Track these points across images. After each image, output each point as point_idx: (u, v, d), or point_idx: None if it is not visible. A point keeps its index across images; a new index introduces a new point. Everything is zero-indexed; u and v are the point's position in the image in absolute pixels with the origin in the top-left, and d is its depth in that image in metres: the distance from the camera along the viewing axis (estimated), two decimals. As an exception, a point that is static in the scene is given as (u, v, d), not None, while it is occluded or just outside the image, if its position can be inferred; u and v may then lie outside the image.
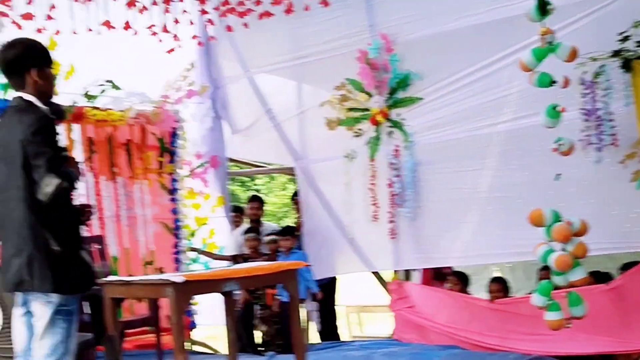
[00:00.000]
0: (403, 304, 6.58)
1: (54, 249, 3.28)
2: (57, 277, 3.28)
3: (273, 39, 7.10)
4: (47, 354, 3.30)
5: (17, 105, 3.39)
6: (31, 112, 3.34)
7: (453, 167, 6.17)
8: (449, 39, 6.07)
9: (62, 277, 3.30)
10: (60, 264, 3.30)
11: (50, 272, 3.27)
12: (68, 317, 3.35)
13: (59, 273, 3.29)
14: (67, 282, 3.31)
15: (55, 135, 3.33)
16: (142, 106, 7.05)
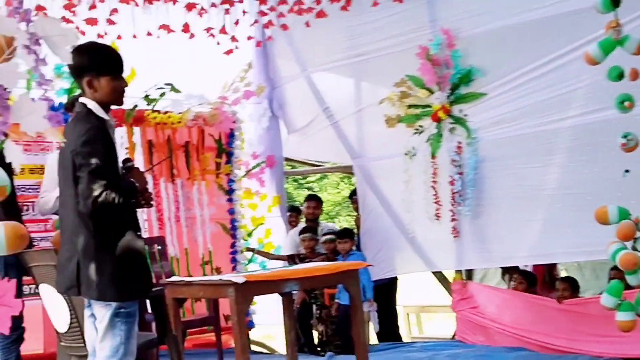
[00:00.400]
0: (466, 304, 6.46)
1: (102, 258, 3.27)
2: (104, 285, 3.27)
3: (331, 37, 7.05)
4: (108, 355, 3.32)
5: (78, 111, 3.34)
6: (86, 120, 3.29)
7: (518, 163, 6.02)
8: (513, 33, 5.93)
9: (110, 285, 3.28)
10: (109, 272, 3.28)
11: (98, 280, 3.26)
12: (127, 319, 3.35)
13: (108, 281, 3.27)
14: (115, 290, 3.30)
15: (106, 145, 3.27)
16: (200, 108, 7.08)
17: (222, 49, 6.54)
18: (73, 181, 3.27)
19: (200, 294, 5.01)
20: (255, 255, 7.70)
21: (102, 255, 3.28)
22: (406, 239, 6.75)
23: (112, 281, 3.28)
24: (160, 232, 6.80)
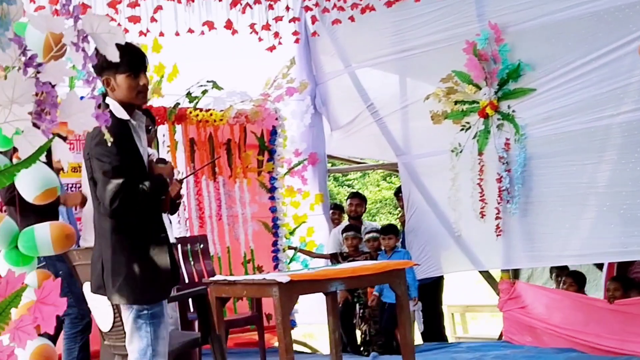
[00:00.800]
0: (514, 304, 6.34)
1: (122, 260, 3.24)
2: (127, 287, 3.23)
3: (376, 33, 6.97)
4: (137, 358, 3.29)
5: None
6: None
7: (568, 161, 5.89)
8: (564, 27, 5.82)
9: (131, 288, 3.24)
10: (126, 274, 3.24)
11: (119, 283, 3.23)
12: (152, 320, 3.29)
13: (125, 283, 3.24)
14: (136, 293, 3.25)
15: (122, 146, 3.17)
16: (242, 105, 7.05)
17: (264, 45, 6.49)
18: (93, 183, 3.26)
19: (244, 293, 4.97)
20: (298, 253, 7.66)
21: (121, 257, 3.24)
22: (452, 238, 6.64)
23: (129, 283, 3.24)
24: (202, 230, 6.78)
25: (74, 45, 2.26)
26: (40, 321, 2.22)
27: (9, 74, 2.14)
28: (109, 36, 2.25)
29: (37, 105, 2.23)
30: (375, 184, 22.37)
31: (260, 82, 7.39)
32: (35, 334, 2.23)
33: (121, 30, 2.26)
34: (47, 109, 2.26)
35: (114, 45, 2.26)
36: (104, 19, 2.25)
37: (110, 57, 2.27)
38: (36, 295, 2.24)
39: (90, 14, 2.28)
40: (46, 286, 2.27)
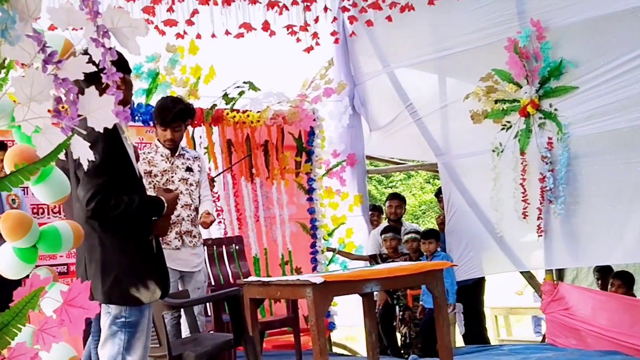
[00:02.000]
0: (557, 306, 6.19)
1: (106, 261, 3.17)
2: (107, 289, 3.16)
3: (414, 33, 6.91)
4: None
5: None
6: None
7: (612, 159, 5.77)
8: (606, 24, 5.71)
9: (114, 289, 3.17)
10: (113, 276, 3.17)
11: (101, 284, 3.16)
12: (128, 329, 3.20)
13: (111, 285, 3.17)
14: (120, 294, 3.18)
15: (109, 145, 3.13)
16: (279, 106, 7.02)
17: (302, 46, 6.46)
18: (76, 182, 3.18)
19: (278, 295, 4.92)
20: (337, 255, 7.60)
21: (107, 257, 3.18)
22: (494, 239, 6.53)
23: (117, 283, 3.17)
24: (240, 231, 6.75)
25: (94, 41, 2.23)
26: (68, 324, 2.17)
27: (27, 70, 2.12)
28: (131, 30, 2.21)
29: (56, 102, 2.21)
30: (419, 186, 22.22)
31: (297, 83, 7.35)
32: (62, 336, 2.20)
33: (143, 23, 2.22)
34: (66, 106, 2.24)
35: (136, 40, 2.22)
36: (125, 13, 2.21)
37: (131, 51, 2.24)
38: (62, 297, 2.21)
39: (110, 9, 2.25)
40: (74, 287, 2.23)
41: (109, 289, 3.16)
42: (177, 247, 4.85)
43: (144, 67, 6.25)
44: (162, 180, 4.86)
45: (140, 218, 3.28)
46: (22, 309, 2.13)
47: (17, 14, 2.09)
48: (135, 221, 3.27)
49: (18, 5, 2.10)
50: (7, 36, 2.05)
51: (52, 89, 2.18)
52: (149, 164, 4.88)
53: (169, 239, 4.81)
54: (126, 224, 3.23)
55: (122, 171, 3.22)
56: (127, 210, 3.18)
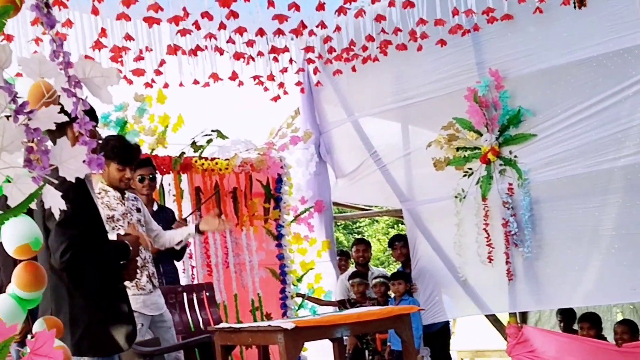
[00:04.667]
0: (522, 348, 6.26)
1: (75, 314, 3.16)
2: (76, 339, 3.16)
3: (377, 82, 7.05)
4: None
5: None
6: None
7: (572, 204, 5.91)
8: (563, 73, 5.89)
9: (83, 340, 3.17)
10: (84, 327, 3.17)
11: (70, 334, 3.13)
12: None
13: (80, 335, 3.17)
14: (88, 345, 3.18)
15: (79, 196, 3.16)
16: (247, 154, 7.11)
17: (269, 95, 6.59)
18: (44, 232, 3.13)
19: (249, 341, 4.95)
20: (306, 300, 7.63)
21: (76, 308, 3.17)
22: (458, 283, 6.62)
23: (86, 334, 3.17)
24: (209, 278, 6.77)
25: (65, 91, 2.31)
26: (34, 374, 2.20)
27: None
28: (102, 80, 2.29)
29: (27, 152, 2.26)
30: (383, 232, 22.32)
31: (264, 131, 7.46)
32: (29, 387, 2.21)
33: (115, 72, 2.30)
34: (38, 157, 2.29)
35: (107, 89, 2.30)
36: (96, 63, 2.29)
37: (103, 100, 2.31)
38: (29, 346, 2.23)
39: (82, 59, 2.33)
40: (39, 337, 2.25)
41: (79, 340, 3.15)
42: (151, 290, 4.82)
43: (112, 115, 6.31)
44: (124, 224, 4.70)
45: (110, 266, 3.29)
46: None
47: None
48: (105, 270, 3.28)
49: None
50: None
51: (24, 138, 2.24)
52: (108, 209, 4.70)
53: (142, 283, 4.75)
54: (96, 274, 3.23)
55: (92, 221, 3.24)
56: (99, 260, 3.21)
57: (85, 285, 3.21)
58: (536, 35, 6.03)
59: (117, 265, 3.36)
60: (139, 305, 4.65)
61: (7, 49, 2.17)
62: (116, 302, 3.32)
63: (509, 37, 6.14)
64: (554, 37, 5.93)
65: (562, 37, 5.89)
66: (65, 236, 3.11)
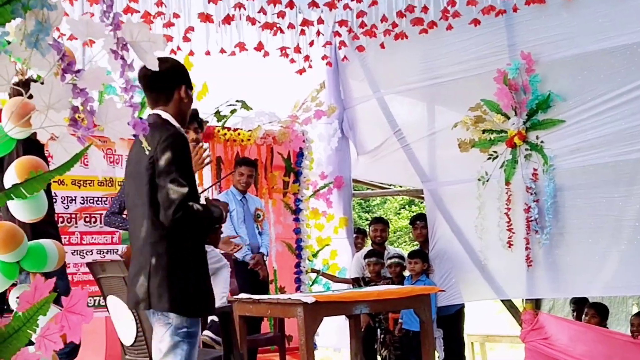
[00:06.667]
0: (536, 335, 6.25)
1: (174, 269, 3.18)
2: (175, 297, 3.17)
3: (406, 60, 6.98)
4: None
5: (153, 122, 3.26)
6: (165, 128, 3.24)
7: (597, 193, 5.86)
8: (595, 60, 5.82)
9: (181, 298, 3.19)
10: (180, 285, 3.18)
11: (168, 292, 3.16)
12: (189, 339, 3.22)
13: (178, 293, 3.17)
14: (186, 303, 3.20)
15: (187, 155, 3.22)
16: (270, 126, 7.08)
17: (294, 68, 6.54)
18: (149, 189, 3.18)
19: (268, 313, 4.96)
20: (320, 276, 7.64)
21: (175, 269, 3.18)
22: (476, 266, 6.58)
23: (182, 295, 3.18)
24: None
25: (113, 53, 2.28)
26: (67, 330, 2.20)
27: (46, 78, 2.15)
28: (149, 44, 2.26)
29: (73, 111, 2.24)
30: (395, 211, 22.29)
31: (288, 104, 7.44)
32: (61, 343, 2.22)
33: (162, 38, 2.27)
34: (83, 116, 2.27)
35: (154, 54, 2.27)
36: (144, 26, 2.26)
37: (149, 65, 2.28)
38: (64, 303, 2.23)
39: (130, 22, 2.30)
40: (74, 295, 2.25)
41: (176, 298, 3.16)
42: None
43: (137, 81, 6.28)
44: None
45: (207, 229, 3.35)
46: (33, 315, 2.15)
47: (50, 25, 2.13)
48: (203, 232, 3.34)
49: (39, 15, 2.14)
50: (39, 47, 2.09)
51: (71, 97, 2.22)
52: None
53: None
54: (197, 235, 3.28)
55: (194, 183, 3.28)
56: (202, 221, 3.24)
57: (187, 244, 3.23)
58: (570, 20, 5.96)
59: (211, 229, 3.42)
60: None
61: (59, 7, 2.14)
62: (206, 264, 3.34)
63: (542, 21, 6.08)
64: (589, 23, 5.86)
65: (597, 24, 5.82)
66: (178, 194, 3.10)
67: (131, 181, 3.35)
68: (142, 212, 3.23)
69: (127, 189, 3.42)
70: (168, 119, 3.31)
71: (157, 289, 3.15)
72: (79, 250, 5.95)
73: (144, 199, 3.20)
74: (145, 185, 3.18)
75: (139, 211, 3.25)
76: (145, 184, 3.18)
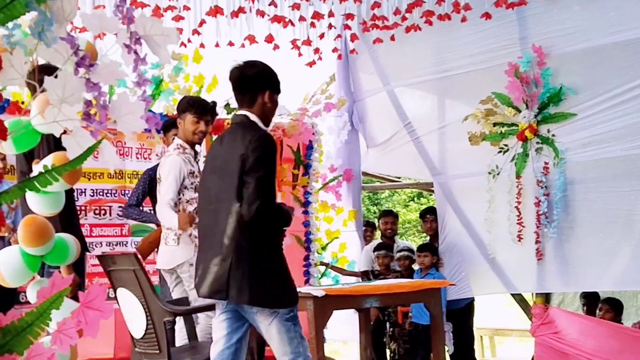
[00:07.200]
0: (546, 329, 6.22)
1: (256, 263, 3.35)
2: (279, 290, 3.40)
3: (416, 53, 6.95)
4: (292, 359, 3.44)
5: (241, 122, 3.52)
6: (255, 129, 3.45)
7: (608, 187, 5.84)
8: (607, 53, 5.78)
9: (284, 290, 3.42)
10: (262, 279, 3.35)
11: (272, 286, 3.37)
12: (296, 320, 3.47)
13: (262, 287, 3.36)
14: (280, 296, 3.41)
15: (273, 157, 3.45)
16: (280, 119, 7.06)
17: (304, 60, 6.52)
18: (237, 185, 3.35)
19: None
20: (329, 269, 7.63)
21: (257, 258, 3.36)
22: (486, 260, 6.56)
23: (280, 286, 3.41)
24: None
25: (126, 47, 2.27)
26: (84, 325, 2.21)
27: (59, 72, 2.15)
28: (162, 38, 2.26)
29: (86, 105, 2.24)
30: (404, 204, 22.23)
31: (298, 97, 7.41)
32: (78, 337, 2.23)
33: (175, 32, 2.27)
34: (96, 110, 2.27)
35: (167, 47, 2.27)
36: (157, 21, 2.26)
37: (162, 59, 2.28)
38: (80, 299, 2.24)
39: (143, 16, 2.29)
40: (92, 290, 2.26)
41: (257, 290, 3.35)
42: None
43: (149, 73, 6.28)
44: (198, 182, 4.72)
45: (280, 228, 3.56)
46: (47, 309, 2.16)
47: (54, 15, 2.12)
48: (280, 229, 3.57)
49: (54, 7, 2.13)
50: (44, 38, 2.09)
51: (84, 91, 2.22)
52: (190, 164, 4.79)
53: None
54: (276, 230, 3.50)
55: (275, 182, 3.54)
56: (279, 219, 3.45)
57: (267, 239, 3.41)
58: (582, 13, 5.93)
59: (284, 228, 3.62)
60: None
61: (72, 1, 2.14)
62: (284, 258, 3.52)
63: (554, 14, 6.04)
64: (600, 16, 5.82)
65: (609, 17, 5.79)
66: (264, 191, 3.32)
67: (215, 177, 3.53)
68: (227, 206, 3.39)
69: (208, 183, 3.59)
70: (255, 120, 3.52)
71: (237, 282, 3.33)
72: (88, 242, 5.95)
73: (231, 195, 3.37)
74: (234, 182, 3.36)
75: (224, 205, 3.40)
76: (235, 180, 3.36)
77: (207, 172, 3.65)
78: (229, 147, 3.44)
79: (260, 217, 3.28)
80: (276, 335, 3.40)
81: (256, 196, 3.28)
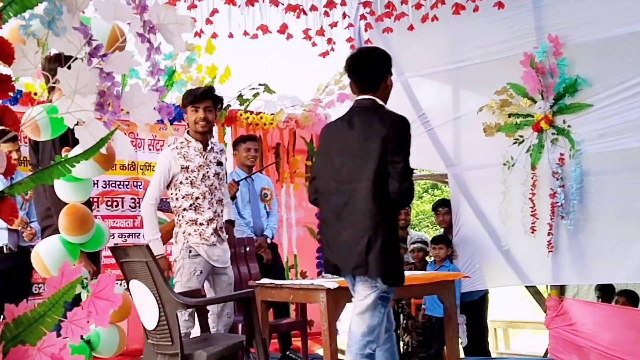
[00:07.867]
0: (561, 321, 6.19)
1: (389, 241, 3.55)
2: (386, 266, 3.55)
3: (430, 43, 6.89)
4: (365, 332, 3.61)
5: (369, 105, 3.70)
6: (390, 113, 3.66)
7: (624, 178, 5.79)
8: (624, 43, 5.71)
9: (390, 268, 3.58)
10: (390, 255, 3.56)
11: (383, 261, 3.52)
12: (386, 303, 3.66)
13: (389, 263, 3.56)
14: (393, 273, 3.60)
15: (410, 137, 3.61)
16: (293, 109, 7.04)
17: (318, 51, 6.48)
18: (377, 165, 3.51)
19: (290, 298, 4.93)
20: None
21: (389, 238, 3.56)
22: (500, 252, 6.50)
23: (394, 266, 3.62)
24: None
25: (140, 36, 2.25)
26: (94, 315, 2.20)
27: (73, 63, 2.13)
28: (176, 26, 2.23)
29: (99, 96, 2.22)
30: (418, 195, 22.21)
31: (311, 87, 7.41)
32: (89, 328, 2.21)
33: (189, 20, 2.24)
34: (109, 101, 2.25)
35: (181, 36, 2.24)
36: (171, 9, 2.23)
37: (177, 48, 2.25)
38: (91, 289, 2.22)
39: (156, 4, 2.26)
40: (101, 280, 2.24)
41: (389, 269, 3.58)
42: (214, 243, 4.84)
43: (161, 64, 6.27)
44: (199, 176, 4.81)
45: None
46: (59, 300, 2.14)
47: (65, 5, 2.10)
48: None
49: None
50: (54, 27, 2.06)
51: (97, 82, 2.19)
52: (184, 159, 4.80)
53: (207, 234, 4.80)
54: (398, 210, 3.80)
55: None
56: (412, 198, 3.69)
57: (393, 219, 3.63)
58: (598, 3, 5.87)
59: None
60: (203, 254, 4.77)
61: (86, -12, 2.11)
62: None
63: (570, 3, 5.98)
64: (617, 6, 5.76)
65: (626, 7, 5.72)
66: (411, 171, 3.56)
67: (349, 159, 3.65)
68: (365, 186, 3.56)
69: (337, 165, 3.70)
70: (382, 104, 3.73)
71: (374, 258, 3.52)
72: (101, 233, 5.95)
73: (370, 175, 3.55)
74: (374, 163, 3.53)
75: (362, 185, 3.57)
76: (375, 161, 3.53)
77: (332, 154, 3.74)
78: (364, 130, 3.58)
79: (406, 194, 3.50)
80: (368, 307, 3.59)
81: (406, 175, 3.49)
